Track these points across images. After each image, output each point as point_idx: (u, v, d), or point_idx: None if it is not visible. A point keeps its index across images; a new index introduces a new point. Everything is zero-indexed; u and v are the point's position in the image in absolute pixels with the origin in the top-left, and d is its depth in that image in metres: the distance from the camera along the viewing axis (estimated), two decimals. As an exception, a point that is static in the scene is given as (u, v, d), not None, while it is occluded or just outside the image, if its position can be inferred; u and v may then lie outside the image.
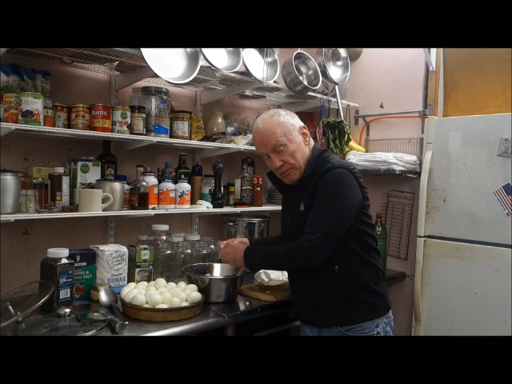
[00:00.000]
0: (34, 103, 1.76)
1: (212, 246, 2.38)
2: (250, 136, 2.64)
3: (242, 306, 1.94)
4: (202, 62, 2.19)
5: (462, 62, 2.70)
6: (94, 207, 1.93)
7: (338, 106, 2.89)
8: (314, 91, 2.75)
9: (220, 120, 2.61)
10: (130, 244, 2.11)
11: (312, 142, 1.81)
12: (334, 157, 1.80)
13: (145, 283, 1.92)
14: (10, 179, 1.73)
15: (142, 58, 1.94)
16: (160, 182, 2.26)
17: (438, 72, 2.75)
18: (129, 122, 2.07)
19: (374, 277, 1.73)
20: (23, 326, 1.49)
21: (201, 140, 2.45)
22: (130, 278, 2.03)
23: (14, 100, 1.74)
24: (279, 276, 2.26)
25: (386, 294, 1.77)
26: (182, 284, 1.91)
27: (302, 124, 1.79)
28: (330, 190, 1.65)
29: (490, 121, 2.29)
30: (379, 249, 1.82)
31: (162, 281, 1.91)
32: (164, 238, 2.27)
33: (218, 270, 2.14)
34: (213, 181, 2.47)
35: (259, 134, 1.76)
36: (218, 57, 2.30)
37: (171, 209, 2.26)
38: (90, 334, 1.51)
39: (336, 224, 1.64)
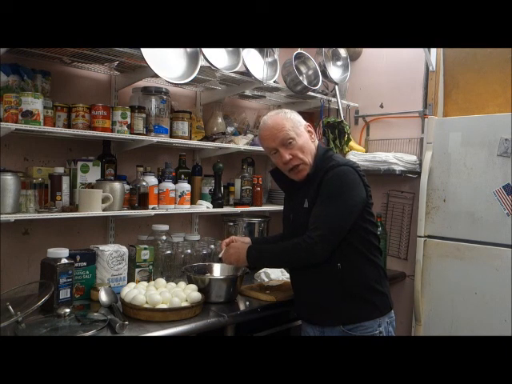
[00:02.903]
0: (34, 103, 1.76)
1: (212, 246, 2.38)
2: (250, 136, 2.64)
3: (242, 306, 1.94)
4: (202, 62, 2.19)
5: (462, 62, 2.70)
6: (94, 207, 1.93)
7: (338, 106, 2.89)
8: (314, 91, 2.75)
9: (220, 120, 2.61)
10: (130, 244, 2.11)
11: (316, 141, 1.83)
12: (338, 155, 1.81)
13: (145, 283, 1.92)
14: (9, 179, 1.73)
15: (142, 58, 1.94)
16: (160, 182, 2.26)
17: (438, 72, 2.75)
18: (129, 122, 2.07)
19: (376, 276, 1.73)
20: (23, 326, 1.49)
21: (201, 140, 2.45)
22: (130, 278, 2.03)
23: (14, 100, 1.74)
24: (279, 276, 2.26)
25: (388, 294, 1.76)
26: (182, 284, 1.91)
27: (306, 123, 1.83)
28: (333, 188, 1.65)
29: (490, 121, 2.29)
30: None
31: (162, 281, 1.91)
32: (164, 238, 2.27)
33: (217, 270, 2.14)
34: (213, 181, 2.47)
35: (268, 129, 1.76)
36: (218, 57, 2.30)
37: (171, 209, 2.26)
38: (89, 333, 1.51)
39: (339, 221, 1.64)
